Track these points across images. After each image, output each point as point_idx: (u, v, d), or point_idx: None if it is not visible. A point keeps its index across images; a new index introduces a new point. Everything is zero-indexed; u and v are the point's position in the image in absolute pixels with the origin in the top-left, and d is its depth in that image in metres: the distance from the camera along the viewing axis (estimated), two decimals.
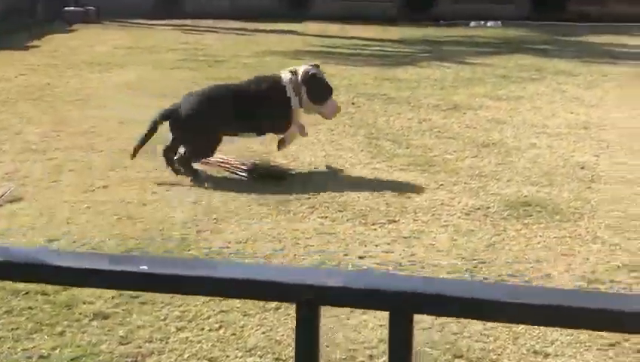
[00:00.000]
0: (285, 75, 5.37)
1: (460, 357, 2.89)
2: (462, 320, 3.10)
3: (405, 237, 4.06)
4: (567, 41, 14.37)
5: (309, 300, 1.21)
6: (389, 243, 3.97)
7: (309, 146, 5.90)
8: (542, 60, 11.06)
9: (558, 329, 3.04)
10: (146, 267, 1.21)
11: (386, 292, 1.18)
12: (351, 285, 1.19)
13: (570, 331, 2.98)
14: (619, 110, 7.47)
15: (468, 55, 11.67)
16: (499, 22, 17.33)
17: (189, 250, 3.88)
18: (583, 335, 3.01)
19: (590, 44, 13.82)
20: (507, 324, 2.99)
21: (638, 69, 10.44)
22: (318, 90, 5.35)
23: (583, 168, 5.42)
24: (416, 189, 4.89)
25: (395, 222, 4.30)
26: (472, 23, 17.23)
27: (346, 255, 3.81)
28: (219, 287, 1.26)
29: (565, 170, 5.38)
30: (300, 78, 5.30)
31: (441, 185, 5.00)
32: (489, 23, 17.29)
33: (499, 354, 2.92)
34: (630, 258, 3.83)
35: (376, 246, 3.94)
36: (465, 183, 5.04)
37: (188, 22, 15.67)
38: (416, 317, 2.85)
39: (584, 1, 19.17)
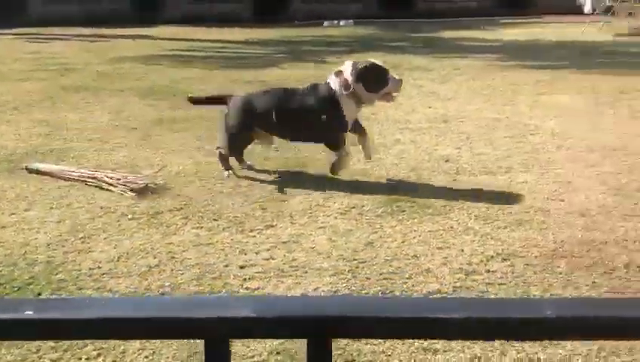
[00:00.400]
0: (332, 79, 5.14)
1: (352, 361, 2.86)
2: None
3: (285, 242, 4.00)
4: (418, 37, 14.85)
5: (220, 335, 1.12)
6: (269, 250, 3.90)
7: (176, 154, 5.73)
8: (396, 57, 11.34)
9: None
10: (31, 312, 1.08)
11: (305, 319, 1.11)
12: (264, 314, 1.11)
13: None
14: (473, 102, 7.75)
15: (326, 54, 11.79)
16: (351, 21, 17.68)
17: (56, 274, 3.65)
18: None
19: (440, 39, 14.34)
20: None
21: (486, 61, 10.90)
22: (374, 78, 5.11)
23: (447, 161, 5.57)
24: (291, 192, 4.85)
25: (272, 227, 4.23)
26: (326, 23, 17.48)
27: (226, 266, 3.70)
28: (108, 329, 1.13)
29: (431, 164, 5.50)
30: (351, 76, 5.04)
31: (315, 185, 4.98)
32: (342, 22, 17.60)
33: (389, 355, 2.92)
34: (502, 247, 3.95)
35: (257, 253, 3.85)
36: (338, 183, 5.04)
37: (33, 30, 14.94)
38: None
39: None
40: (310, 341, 1.13)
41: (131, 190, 4.74)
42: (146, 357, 2.91)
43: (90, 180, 4.93)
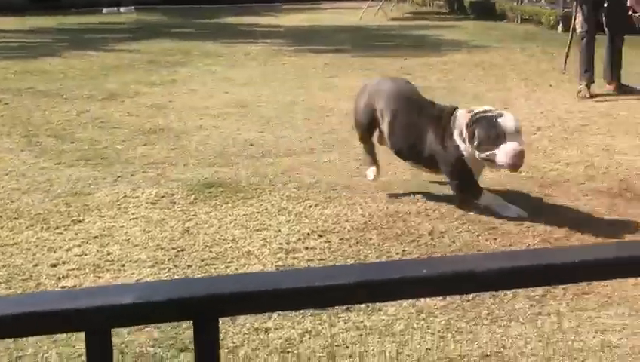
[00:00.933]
0: (461, 113, 4.25)
1: (184, 350, 2.81)
2: None
3: (96, 237, 3.84)
4: (203, 23, 14.72)
5: (100, 325, 1.06)
6: (80, 246, 3.72)
7: None
8: (185, 43, 11.18)
9: None
10: None
11: (191, 300, 1.08)
12: (148, 299, 1.07)
13: None
14: (268, 87, 7.85)
15: (110, 42, 11.37)
16: (132, 7, 17.16)
17: None
18: None
19: (226, 25, 14.32)
20: None
21: (275, 46, 11.07)
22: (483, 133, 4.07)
23: (252, 145, 5.60)
24: (94, 185, 4.65)
25: (80, 222, 4.04)
26: (105, 10, 16.83)
27: (36, 265, 3.48)
28: None
29: (236, 149, 5.51)
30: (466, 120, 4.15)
31: (119, 177, 4.82)
32: (122, 9, 17.04)
33: (222, 340, 2.89)
34: (316, 224, 4.06)
35: (68, 250, 3.66)
36: (143, 172, 4.91)
37: None
38: None
39: None
40: (197, 322, 1.10)
41: None
42: None
43: None
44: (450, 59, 9.60)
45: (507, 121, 4.07)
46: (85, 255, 3.62)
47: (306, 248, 3.74)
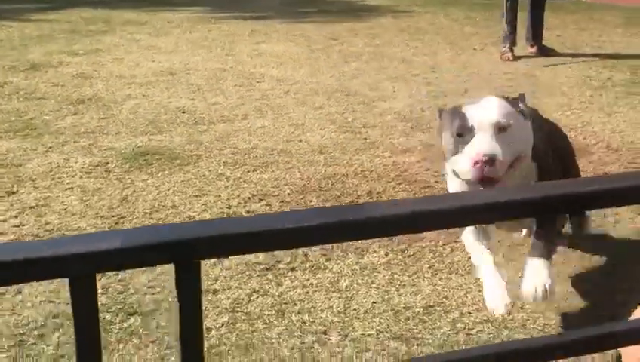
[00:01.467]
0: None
1: (134, 314, 2.81)
2: (122, 277, 3.03)
3: (32, 207, 3.76)
4: None
5: (84, 270, 1.07)
6: (16, 216, 3.64)
7: None
8: (104, 12, 10.92)
9: (218, 261, 3.14)
10: None
11: (173, 244, 1.10)
12: (130, 244, 1.08)
13: (231, 260, 3.11)
14: (196, 54, 7.77)
15: (26, 12, 11.00)
16: None
17: None
18: (242, 266, 3.16)
19: None
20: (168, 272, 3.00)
21: (198, 13, 10.92)
22: None
23: (184, 112, 5.56)
24: (25, 156, 4.54)
25: (14, 193, 3.95)
26: None
27: None
28: None
29: (168, 117, 5.46)
30: None
31: (50, 147, 4.72)
32: None
33: (168, 305, 2.91)
34: (256, 188, 4.08)
35: (4, 221, 3.59)
36: (74, 142, 4.82)
37: None
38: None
39: None
40: (179, 266, 1.13)
41: None
42: None
43: None
44: (375, 24, 9.68)
45: (477, 111, 2.49)
46: (23, 225, 3.55)
47: (248, 212, 3.76)
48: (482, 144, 2.39)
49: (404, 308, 2.91)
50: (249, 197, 3.94)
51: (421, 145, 4.81)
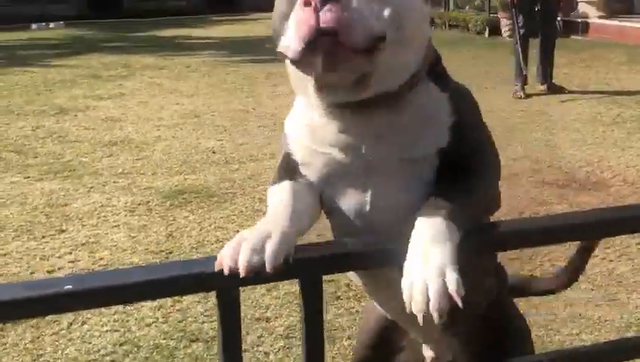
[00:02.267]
0: None
1: (195, 341, 3.00)
2: (180, 307, 3.23)
3: (84, 244, 3.97)
4: (137, 37, 14.77)
5: (230, 285, 1.28)
6: (70, 253, 3.85)
7: None
8: (124, 57, 11.26)
9: None
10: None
11: (301, 261, 1.31)
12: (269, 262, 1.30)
13: (279, 290, 3.30)
14: (217, 97, 8.04)
15: (47, 58, 11.35)
16: (61, 22, 17.06)
17: None
18: (289, 296, 3.35)
19: (161, 38, 14.40)
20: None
21: (214, 58, 11.24)
22: None
23: (214, 152, 5.79)
24: (69, 196, 4.76)
25: (64, 231, 4.16)
26: (34, 26, 16.68)
27: (32, 273, 3.60)
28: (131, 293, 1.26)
29: (199, 157, 5.69)
30: None
31: (91, 187, 4.94)
32: (51, 25, 16.92)
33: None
34: None
35: (59, 257, 3.79)
36: (114, 182, 5.05)
37: None
38: (142, 312, 2.98)
39: None
40: (303, 280, 1.34)
41: None
42: None
43: None
44: None
45: None
46: (78, 261, 3.75)
47: None
48: None
49: None
50: None
51: None
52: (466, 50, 11.23)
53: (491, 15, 13.02)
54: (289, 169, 1.48)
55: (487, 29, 12.92)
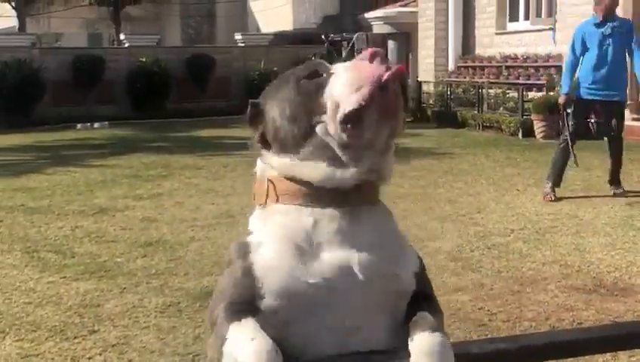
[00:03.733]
0: None
1: None
2: None
3: (114, 345, 4.06)
4: (177, 136, 15.22)
5: None
6: (100, 354, 3.94)
7: None
8: (163, 157, 11.60)
9: None
10: None
11: None
12: None
13: None
14: (251, 196, 8.20)
15: (90, 158, 11.74)
16: (105, 122, 17.67)
17: None
18: None
19: (199, 138, 14.83)
20: None
21: (251, 157, 11.48)
22: None
23: None
24: (102, 296, 4.89)
25: (95, 332, 4.27)
26: (79, 126, 17.29)
27: None
28: None
29: None
30: None
31: (124, 288, 5.06)
32: (96, 125, 17.52)
33: None
34: None
35: (90, 358, 3.88)
36: (147, 283, 5.17)
37: None
38: None
39: (182, 98, 20.44)
40: None
41: None
42: None
43: None
44: (419, 166, 10.11)
45: None
46: None
47: None
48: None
49: None
50: None
51: (472, 284, 5.05)
52: (499, 151, 11.37)
53: (524, 117, 13.20)
54: (247, 294, 1.30)
55: (521, 130, 13.07)
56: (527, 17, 16.14)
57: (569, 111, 8.03)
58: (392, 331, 1.34)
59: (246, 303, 1.29)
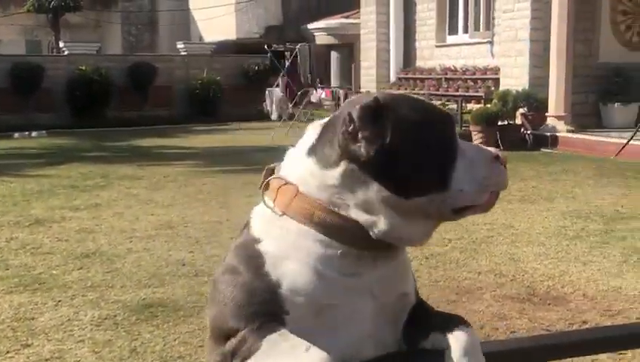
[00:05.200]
0: None
1: None
2: None
3: (47, 359, 3.99)
4: (116, 146, 15.03)
5: None
6: None
7: None
8: (102, 167, 11.44)
9: None
10: None
11: None
12: None
13: None
14: (192, 207, 8.17)
15: (27, 167, 11.51)
16: (44, 131, 17.35)
17: None
18: None
19: (140, 148, 14.66)
20: None
21: (192, 168, 11.45)
22: None
23: (184, 265, 5.86)
24: (36, 309, 4.80)
25: (29, 346, 4.18)
26: (17, 135, 16.94)
27: None
28: None
29: (169, 269, 5.75)
30: None
31: (59, 301, 4.98)
32: (34, 133, 17.19)
33: None
34: None
35: None
36: (82, 296, 5.09)
37: None
38: None
39: (122, 107, 20.20)
40: None
41: None
42: None
43: None
44: None
45: None
46: None
47: None
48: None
49: None
50: None
51: None
52: None
53: (463, 128, 13.43)
54: (269, 309, 1.27)
55: None
56: (466, 30, 16.45)
57: None
58: (397, 340, 1.38)
59: (270, 315, 1.26)
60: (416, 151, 1.26)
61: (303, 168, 1.34)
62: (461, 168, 1.29)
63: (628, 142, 10.47)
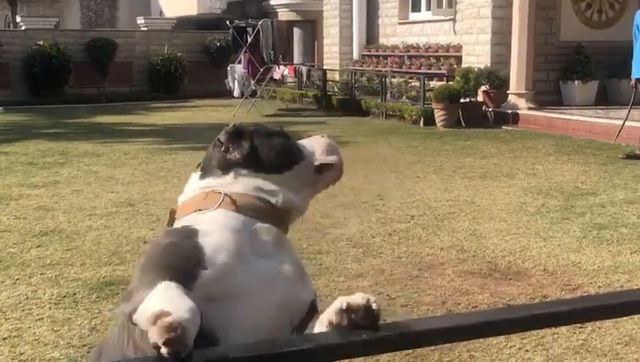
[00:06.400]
0: None
1: None
2: None
3: (5, 338, 3.91)
4: (76, 123, 14.80)
5: None
6: None
7: None
8: (61, 144, 11.26)
9: None
10: None
11: None
12: None
13: None
14: (153, 185, 8.07)
15: None
16: (0, 108, 17.00)
17: None
18: None
19: (100, 125, 14.46)
20: None
21: (153, 145, 11.31)
22: None
23: (145, 243, 5.79)
24: None
25: None
26: None
27: None
28: None
29: (130, 247, 5.68)
30: None
31: (17, 279, 4.89)
32: None
33: None
34: None
35: None
36: (41, 274, 5.00)
37: None
38: None
39: (81, 83, 19.89)
40: None
41: None
42: None
43: None
44: None
45: None
46: None
47: None
48: None
49: None
50: None
51: (373, 270, 5.12)
52: (401, 139, 11.56)
53: (426, 105, 13.46)
54: (188, 265, 1.59)
55: (422, 119, 13.33)
56: (428, 8, 16.45)
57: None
58: (290, 330, 1.65)
59: (182, 274, 1.53)
60: (269, 144, 1.88)
61: (204, 184, 1.92)
62: (305, 143, 1.97)
63: (623, 124, 10.58)
